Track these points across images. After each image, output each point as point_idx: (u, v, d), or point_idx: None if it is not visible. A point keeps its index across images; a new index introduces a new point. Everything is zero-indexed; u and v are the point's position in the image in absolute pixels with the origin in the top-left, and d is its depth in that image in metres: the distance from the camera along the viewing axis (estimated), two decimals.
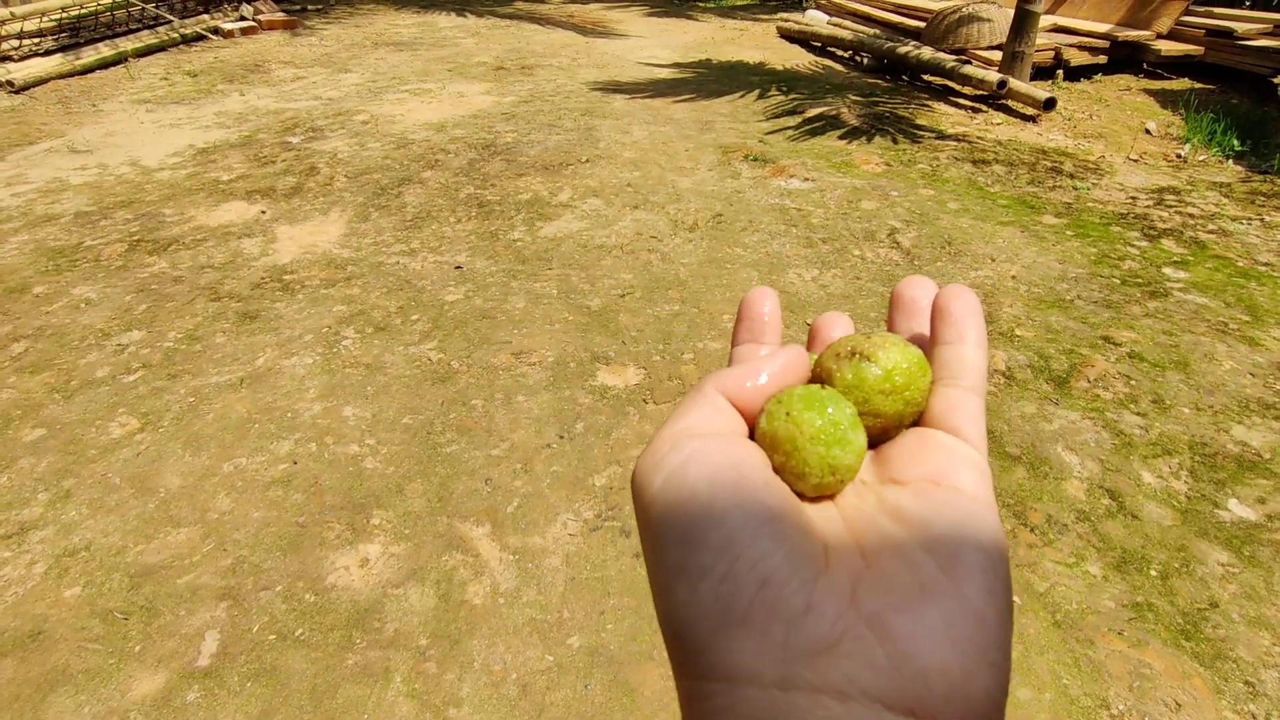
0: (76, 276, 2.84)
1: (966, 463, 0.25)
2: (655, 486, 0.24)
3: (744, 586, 0.21)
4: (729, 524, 0.22)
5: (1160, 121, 4.64)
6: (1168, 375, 2.25)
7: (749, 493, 0.22)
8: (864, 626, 0.20)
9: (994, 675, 0.20)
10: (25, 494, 1.85)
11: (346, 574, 1.66)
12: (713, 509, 0.22)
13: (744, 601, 0.20)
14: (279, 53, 6.59)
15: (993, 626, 0.20)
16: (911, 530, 0.23)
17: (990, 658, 0.20)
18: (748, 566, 0.21)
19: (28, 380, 2.26)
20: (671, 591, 0.22)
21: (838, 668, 0.19)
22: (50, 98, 5.12)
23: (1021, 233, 3.19)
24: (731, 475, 0.23)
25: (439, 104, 5.05)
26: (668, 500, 0.23)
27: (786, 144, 4.28)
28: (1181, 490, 1.85)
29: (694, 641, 0.21)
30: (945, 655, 0.20)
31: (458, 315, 2.61)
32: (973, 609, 0.20)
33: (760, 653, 0.20)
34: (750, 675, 0.20)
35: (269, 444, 2.01)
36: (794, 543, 0.22)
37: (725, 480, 0.23)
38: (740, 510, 0.22)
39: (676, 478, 0.23)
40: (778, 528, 0.22)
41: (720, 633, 0.20)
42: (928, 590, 0.21)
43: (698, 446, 0.24)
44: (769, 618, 0.20)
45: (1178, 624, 1.53)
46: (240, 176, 3.79)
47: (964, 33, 5.79)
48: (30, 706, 1.38)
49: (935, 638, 0.20)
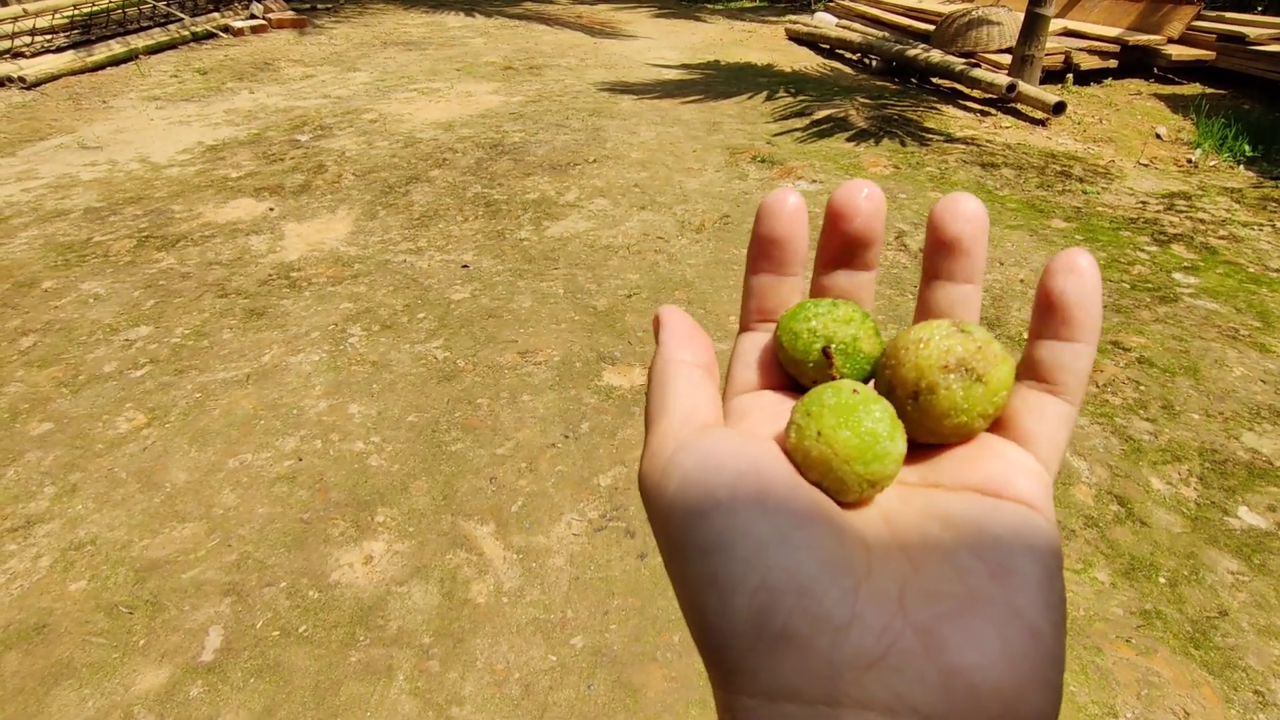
0: (85, 272, 2.85)
1: (1025, 471, 0.23)
2: (670, 492, 0.22)
3: (781, 598, 0.19)
4: (757, 533, 0.20)
5: (1171, 126, 4.61)
6: (1177, 381, 2.23)
7: (775, 498, 0.21)
8: (912, 638, 0.19)
9: (1048, 696, 0.19)
10: (32, 487, 1.86)
11: (350, 571, 1.65)
12: (737, 516, 0.21)
13: (782, 615, 0.19)
14: (288, 51, 6.62)
15: (1048, 643, 0.19)
16: (960, 535, 0.21)
17: (1045, 676, 0.19)
18: (783, 577, 0.19)
19: (36, 374, 2.27)
20: (702, 606, 0.20)
21: (885, 683, 0.18)
22: (62, 94, 5.15)
23: (1030, 236, 3.18)
24: (754, 479, 0.22)
25: (447, 103, 5.06)
26: (687, 507, 0.21)
27: (794, 146, 4.27)
28: (1191, 497, 1.83)
29: (731, 657, 0.20)
30: (1000, 673, 0.18)
31: (464, 314, 2.61)
32: (1027, 623, 0.19)
33: (803, 669, 0.19)
34: (793, 692, 0.19)
35: (274, 440, 2.02)
36: (831, 548, 0.20)
37: (748, 485, 0.21)
38: (768, 517, 0.20)
39: (693, 483, 0.22)
40: (811, 534, 0.20)
41: (758, 648, 0.19)
42: (980, 602, 0.19)
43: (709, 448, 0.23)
44: (811, 629, 0.19)
45: (1186, 632, 1.51)
46: (249, 174, 3.80)
47: (973, 36, 5.77)
48: (35, 699, 1.38)
49: (989, 653, 0.18)
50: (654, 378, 0.26)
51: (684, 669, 1.45)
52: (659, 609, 1.57)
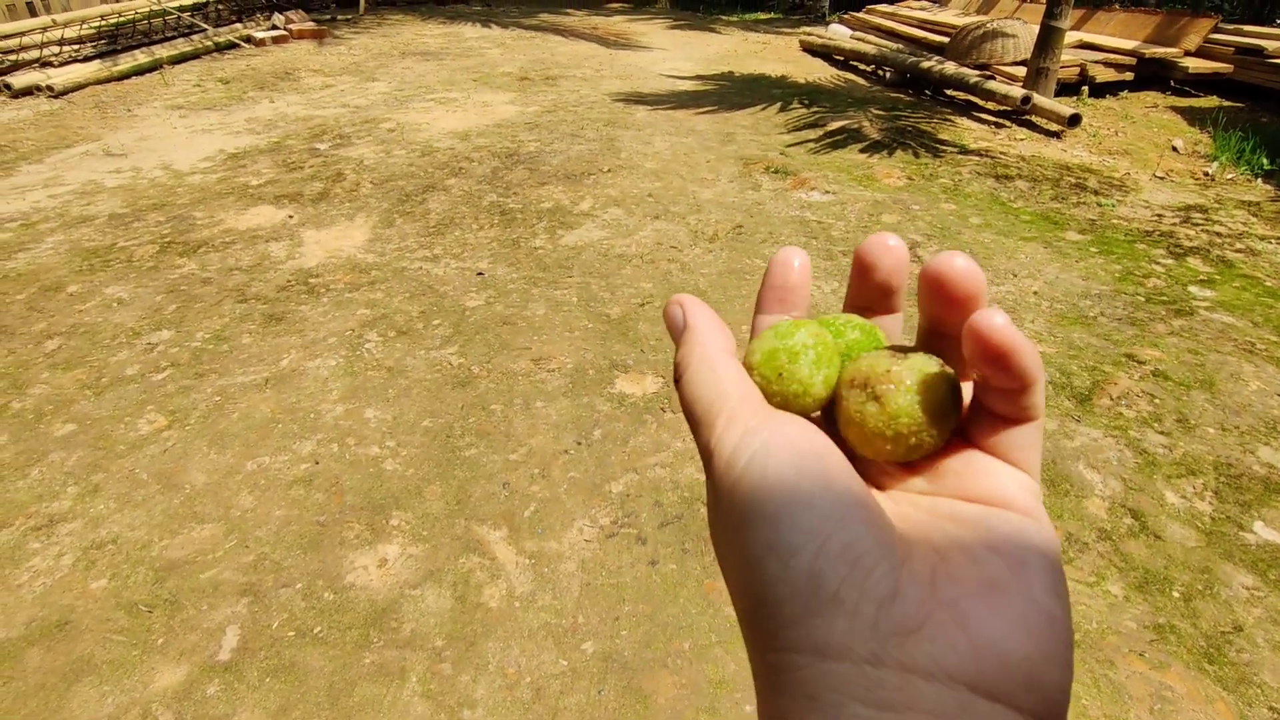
0: (109, 276, 2.91)
1: (1019, 486, 0.25)
2: (740, 466, 0.24)
3: (836, 566, 0.21)
4: (820, 507, 0.22)
5: (1187, 139, 4.59)
6: (1193, 394, 2.22)
7: (836, 480, 0.23)
8: (945, 613, 0.21)
9: (1064, 672, 0.21)
10: (55, 487, 1.90)
11: (365, 574, 1.68)
12: (801, 492, 0.23)
13: (835, 580, 0.21)
14: (308, 61, 6.72)
15: (1061, 626, 0.21)
16: (975, 533, 0.23)
17: (1061, 654, 0.21)
18: (839, 548, 0.22)
19: (60, 376, 2.31)
20: (761, 567, 0.23)
21: (923, 649, 0.20)
22: (88, 102, 5.26)
23: (1044, 248, 3.17)
24: (817, 463, 0.24)
25: (464, 113, 5.12)
26: (754, 482, 0.24)
27: (808, 156, 4.29)
28: (1206, 511, 1.82)
29: (784, 616, 0.22)
30: (1024, 646, 0.20)
31: (479, 321, 2.64)
32: (1044, 608, 0.21)
33: (851, 629, 0.21)
34: (841, 650, 0.21)
35: (292, 444, 2.05)
36: (881, 530, 0.23)
37: (811, 468, 0.24)
38: (830, 495, 0.23)
39: (763, 461, 0.24)
40: (866, 514, 0.23)
41: (812, 609, 0.21)
42: (999, 586, 0.22)
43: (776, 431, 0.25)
44: (860, 597, 0.21)
45: (1201, 647, 1.50)
46: (269, 181, 3.87)
47: (988, 48, 5.77)
48: (56, 695, 1.41)
49: (1013, 628, 0.21)
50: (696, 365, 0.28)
51: (694, 676, 1.46)
52: (669, 616, 1.58)
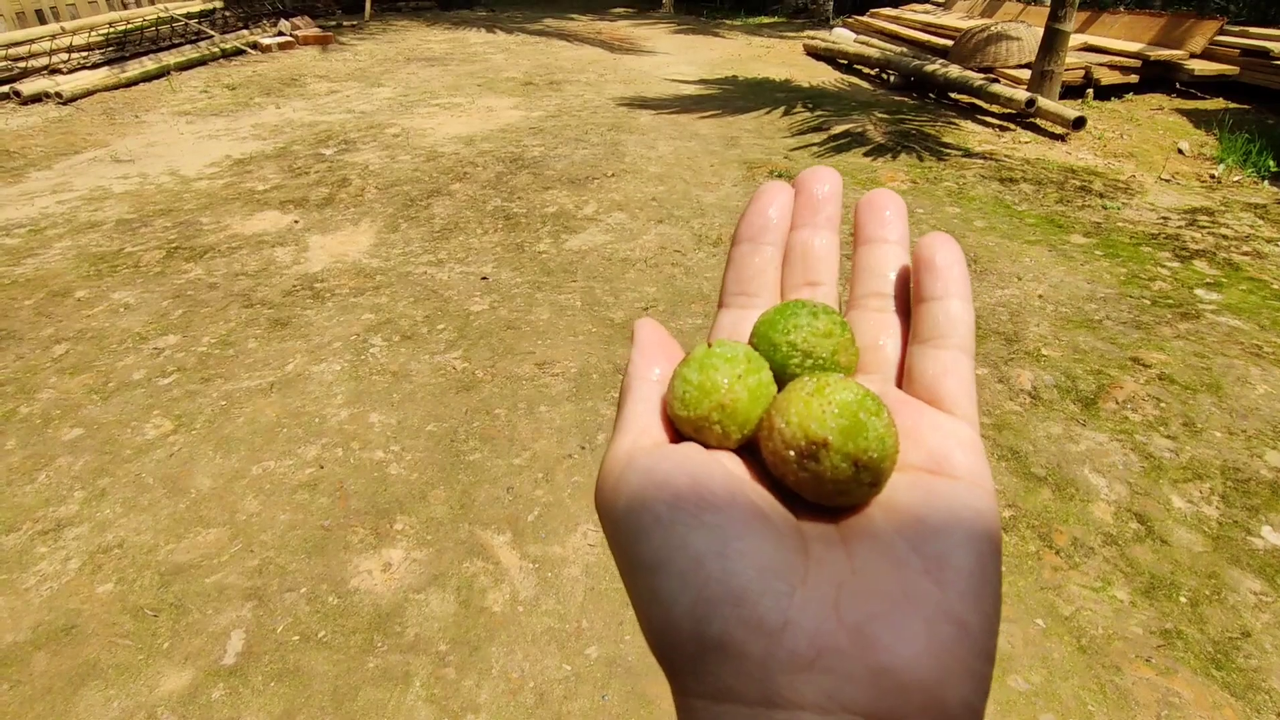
0: (116, 281, 2.93)
1: (960, 443, 0.25)
2: (619, 511, 0.23)
3: (718, 608, 0.20)
4: (694, 546, 0.21)
5: (1193, 141, 4.57)
6: (1199, 398, 2.21)
7: (713, 510, 0.22)
8: (845, 638, 0.20)
9: (973, 684, 0.20)
10: (62, 491, 1.91)
11: (369, 578, 1.68)
12: (675, 532, 0.22)
13: (719, 623, 0.20)
14: (314, 67, 6.76)
15: (975, 634, 0.21)
16: (901, 526, 0.22)
17: (970, 666, 0.20)
18: (720, 589, 0.21)
19: (68, 381, 2.33)
20: (649, 618, 0.22)
21: (816, 683, 0.19)
22: (96, 109, 5.30)
23: (1049, 251, 3.16)
24: (692, 494, 0.23)
25: (468, 118, 5.14)
26: (631, 526, 0.23)
27: (812, 160, 4.29)
28: (1213, 516, 1.81)
29: (677, 664, 0.21)
30: (925, 667, 0.20)
31: (483, 325, 2.64)
32: (956, 617, 0.20)
33: (739, 672, 0.20)
34: (733, 695, 0.20)
35: (297, 448, 2.05)
36: (768, 555, 0.21)
37: (686, 501, 0.22)
38: (705, 531, 0.22)
39: (637, 501, 0.23)
40: (748, 543, 0.22)
41: (700, 655, 0.21)
42: (911, 599, 0.21)
43: (651, 465, 0.24)
44: (746, 637, 0.20)
45: (1208, 653, 1.49)
46: (275, 187, 3.89)
47: (992, 51, 5.77)
48: (62, 699, 1.42)
49: (916, 649, 0.20)
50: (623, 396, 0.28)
51: None
52: None
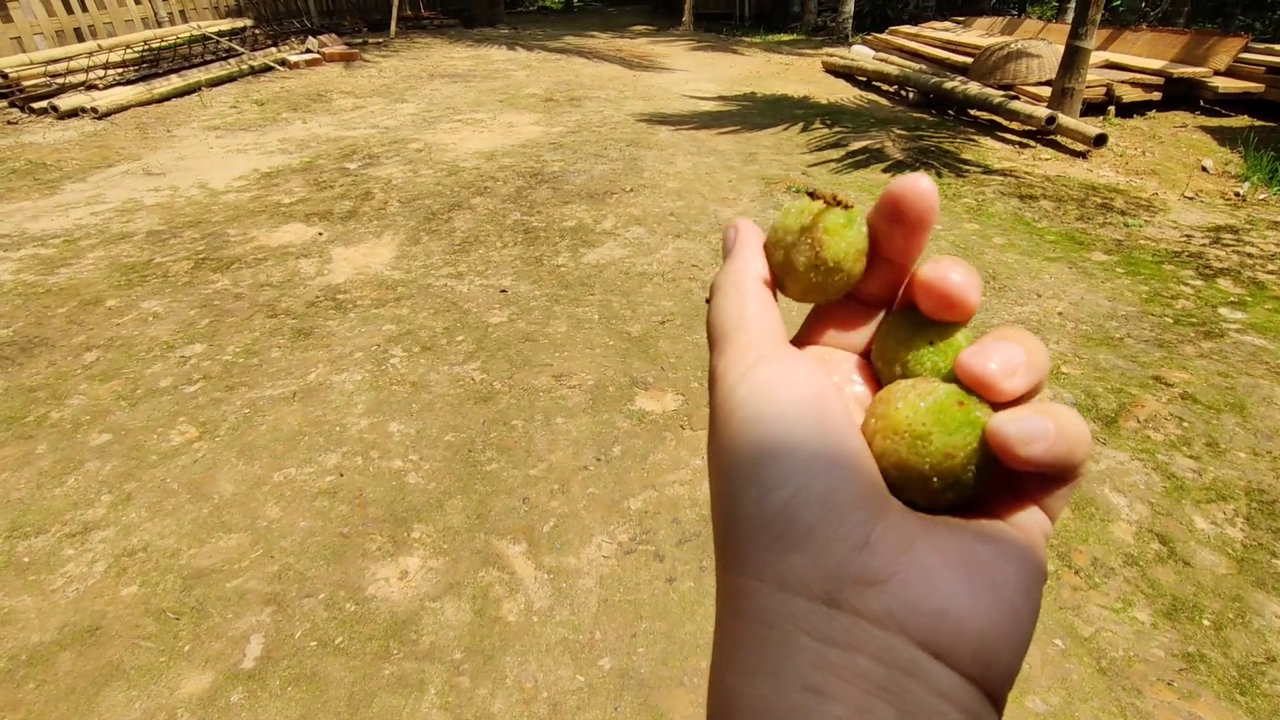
0: (146, 291, 3.00)
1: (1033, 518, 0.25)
2: (741, 393, 0.24)
3: (811, 507, 0.22)
4: (808, 449, 0.23)
5: (1218, 159, 4.53)
6: (1223, 418, 2.18)
7: (830, 427, 0.24)
8: (915, 574, 0.21)
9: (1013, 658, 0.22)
10: (90, 495, 1.95)
11: (386, 585, 1.70)
12: (794, 431, 0.23)
13: (808, 521, 0.22)
14: (340, 83, 6.90)
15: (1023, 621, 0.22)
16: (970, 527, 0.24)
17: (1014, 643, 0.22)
18: (819, 492, 0.22)
19: (98, 388, 2.38)
20: (739, 496, 0.23)
21: (881, 600, 0.21)
22: (129, 123, 5.44)
23: (1069, 269, 3.14)
24: (816, 405, 0.24)
25: (490, 133, 5.22)
26: (751, 412, 0.24)
27: (830, 176, 4.30)
28: (1237, 538, 1.78)
29: (752, 545, 0.22)
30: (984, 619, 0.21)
31: (501, 337, 2.67)
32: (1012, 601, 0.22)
33: (814, 568, 0.21)
34: (800, 586, 0.21)
35: (317, 456, 2.09)
36: (864, 484, 0.23)
37: (809, 409, 0.24)
38: (820, 440, 0.23)
39: (764, 393, 0.24)
40: (853, 466, 0.23)
41: (780, 542, 0.22)
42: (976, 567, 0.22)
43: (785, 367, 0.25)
44: (829, 539, 0.21)
45: (1232, 677, 1.46)
46: (300, 200, 3.97)
47: (1012, 69, 5.76)
48: (86, 698, 1.44)
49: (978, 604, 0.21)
50: (727, 288, 0.28)
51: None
52: (686, 634, 1.58)
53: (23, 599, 1.65)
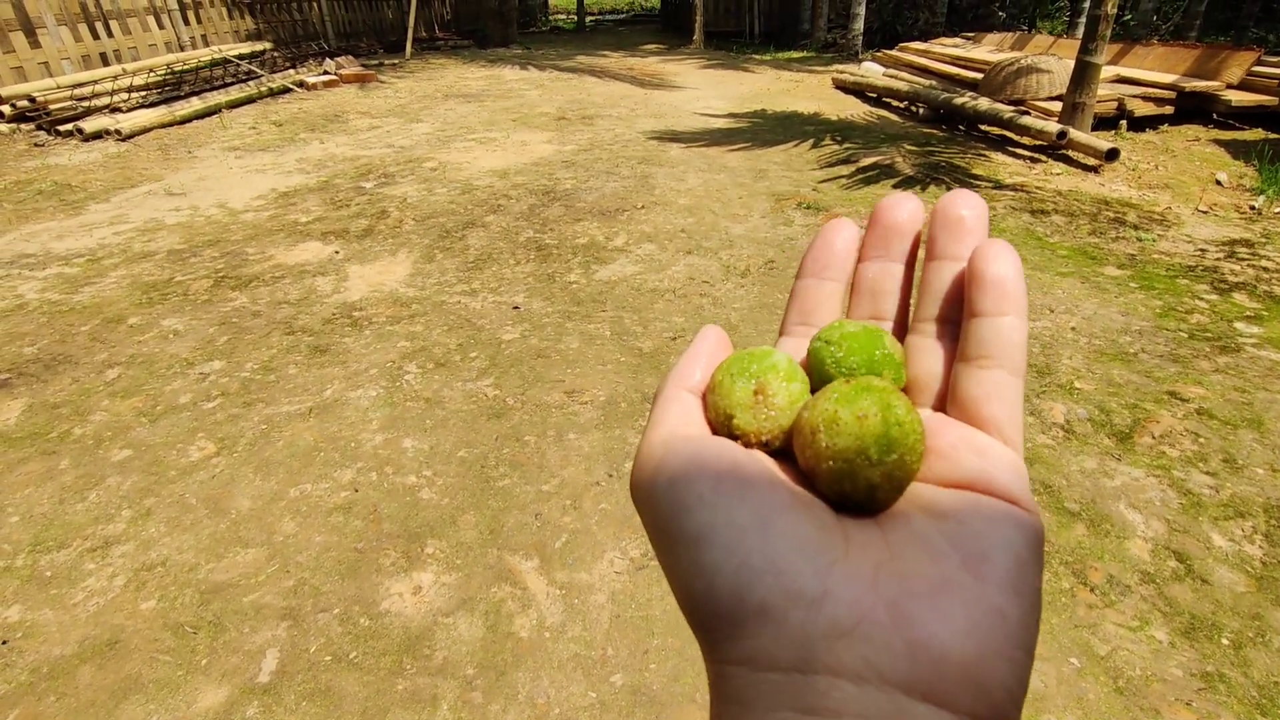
0: (167, 309, 3.06)
1: (1004, 466, 0.25)
2: (660, 490, 0.25)
3: (759, 577, 0.22)
4: (738, 521, 0.23)
5: (1232, 172, 4.50)
6: (1240, 434, 2.16)
7: (756, 491, 0.24)
8: (883, 612, 0.20)
9: (1012, 670, 0.20)
10: (111, 510, 1.98)
11: (400, 600, 1.71)
12: (720, 508, 0.23)
13: (760, 592, 0.21)
14: (356, 104, 7.02)
15: (1014, 624, 0.21)
16: (941, 526, 0.23)
17: (1008, 654, 0.20)
18: (760, 558, 0.22)
19: (119, 404, 2.43)
20: (691, 589, 0.23)
21: (854, 651, 0.20)
22: (152, 145, 5.57)
23: (1082, 283, 3.13)
24: (735, 476, 0.24)
25: (503, 152, 5.29)
26: (675, 503, 0.24)
27: (840, 192, 4.32)
28: (1256, 555, 1.76)
29: (717, 632, 0.22)
30: (962, 646, 0.20)
31: (514, 354, 2.70)
32: (994, 605, 0.21)
33: (778, 638, 0.21)
34: (769, 661, 0.21)
35: (333, 471, 2.11)
36: (808, 533, 0.23)
37: (729, 481, 0.24)
38: (748, 507, 0.23)
39: (680, 481, 0.24)
40: (789, 519, 0.23)
41: (739, 623, 0.22)
42: (949, 585, 0.21)
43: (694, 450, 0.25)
44: (785, 605, 0.21)
45: (1252, 697, 1.44)
46: (317, 219, 4.03)
47: (1022, 84, 5.78)
48: (104, 712, 1.46)
49: (953, 628, 0.20)
50: (656, 394, 0.29)
51: None
52: (698, 650, 1.57)
53: (45, 613, 1.67)
